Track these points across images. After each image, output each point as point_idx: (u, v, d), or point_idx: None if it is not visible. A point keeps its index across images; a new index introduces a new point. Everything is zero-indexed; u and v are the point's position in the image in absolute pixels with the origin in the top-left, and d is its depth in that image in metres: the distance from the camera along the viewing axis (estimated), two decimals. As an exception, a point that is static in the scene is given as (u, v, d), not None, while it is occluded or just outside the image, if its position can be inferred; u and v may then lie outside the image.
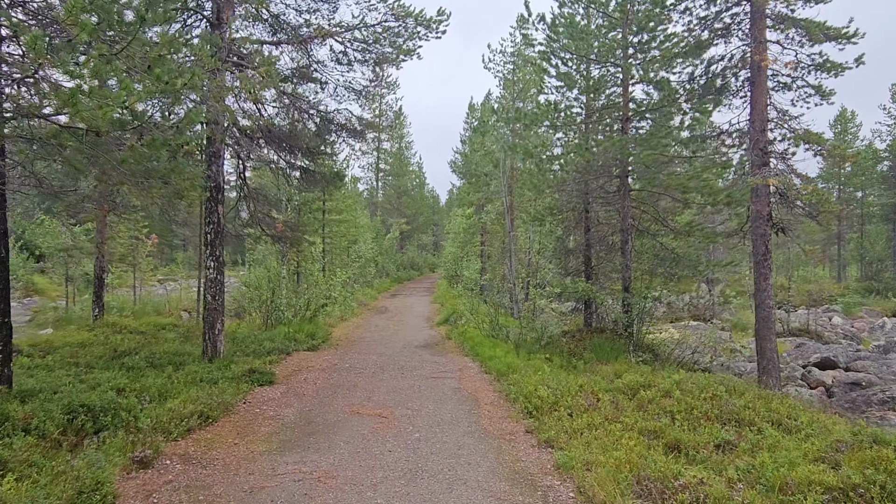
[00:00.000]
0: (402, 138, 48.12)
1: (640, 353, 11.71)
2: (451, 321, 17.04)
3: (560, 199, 14.08)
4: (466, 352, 12.48)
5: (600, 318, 14.48)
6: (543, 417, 7.08)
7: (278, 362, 10.61)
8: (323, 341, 13.25)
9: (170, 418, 6.46)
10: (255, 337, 12.09)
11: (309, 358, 11.36)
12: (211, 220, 10.01)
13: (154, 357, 9.97)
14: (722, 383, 8.18)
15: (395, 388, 8.87)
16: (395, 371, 10.32)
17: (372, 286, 28.88)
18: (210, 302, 9.91)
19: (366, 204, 42.58)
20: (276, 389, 8.64)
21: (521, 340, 13.15)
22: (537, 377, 8.68)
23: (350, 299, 19.96)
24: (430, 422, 7.09)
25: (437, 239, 59.55)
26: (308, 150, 11.60)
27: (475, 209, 27.80)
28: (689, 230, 11.96)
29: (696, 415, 6.88)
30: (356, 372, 10.15)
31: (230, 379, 8.59)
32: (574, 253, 15.03)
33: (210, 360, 9.70)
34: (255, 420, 7.07)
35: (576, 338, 13.68)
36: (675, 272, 11.99)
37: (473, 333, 13.94)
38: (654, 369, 10.54)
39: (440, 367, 10.75)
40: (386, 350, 12.79)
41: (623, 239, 11.87)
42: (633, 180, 12.05)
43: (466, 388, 9.03)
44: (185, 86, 5.17)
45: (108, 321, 14.45)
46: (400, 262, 41.99)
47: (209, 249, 9.99)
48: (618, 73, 12.11)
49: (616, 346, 11.72)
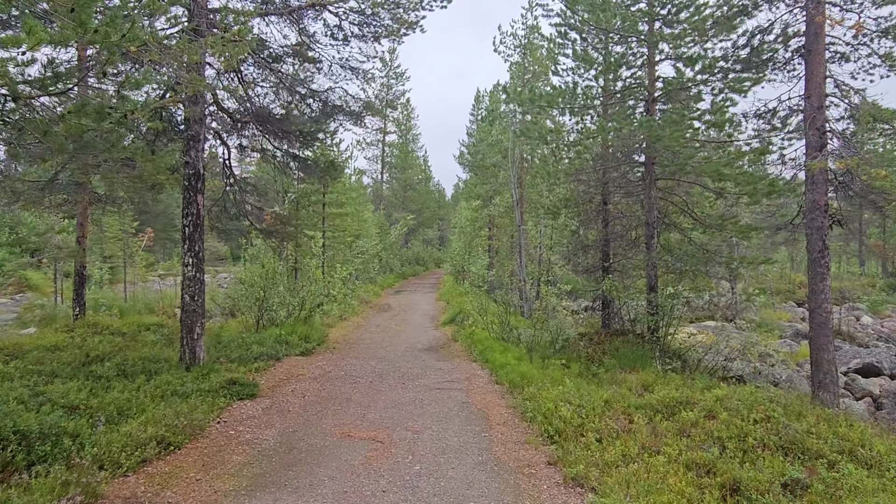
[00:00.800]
0: (408, 131, 46.92)
1: (668, 359, 10.58)
2: (457, 321, 15.95)
3: (576, 189, 12.93)
4: (474, 357, 11.39)
5: (619, 319, 13.35)
6: (568, 444, 5.98)
7: (265, 370, 9.55)
8: (318, 344, 12.19)
9: (122, 446, 5.40)
10: (243, 340, 11.04)
11: (301, 364, 10.29)
12: (189, 212, 8.94)
13: (127, 364, 8.93)
14: (772, 400, 7.04)
15: (394, 402, 7.79)
16: (396, 380, 9.24)
17: (375, 282, 27.83)
18: (188, 303, 8.86)
19: (371, 198, 41.52)
20: (259, 404, 7.57)
21: (534, 344, 12.05)
22: (557, 391, 7.56)
23: (351, 297, 18.90)
24: (433, 448, 6.00)
25: (443, 234, 58.50)
26: (301, 135, 10.50)
27: (482, 202, 26.67)
28: (720, 223, 10.79)
29: (751, 443, 5.75)
30: (352, 381, 9.08)
31: (206, 392, 7.53)
32: (591, 248, 13.89)
33: (187, 369, 8.65)
34: (227, 445, 6.01)
35: (594, 341, 12.56)
36: (705, 270, 10.82)
37: (482, 335, 12.85)
38: (686, 380, 9.43)
39: (446, 376, 9.66)
40: (387, 354, 11.72)
41: (648, 233, 10.72)
42: (659, 168, 10.88)
43: (475, 402, 7.93)
44: (125, 40, 4.06)
45: (89, 321, 13.45)
46: (405, 258, 40.92)
47: (187, 244, 8.93)
48: (641, 49, 10.92)
49: (640, 352, 10.58)
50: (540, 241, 17.88)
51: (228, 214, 10.91)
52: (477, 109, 51.82)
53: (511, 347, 11.67)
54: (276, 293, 13.03)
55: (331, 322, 15.35)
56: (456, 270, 27.76)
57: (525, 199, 20.17)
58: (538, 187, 17.79)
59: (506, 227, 25.16)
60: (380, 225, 34.49)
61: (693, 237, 11.70)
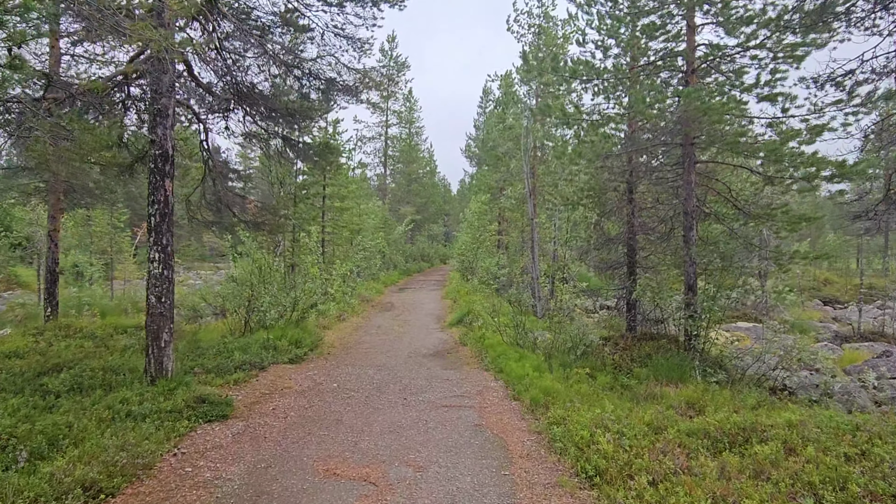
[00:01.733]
0: (412, 122, 45.51)
1: (710, 369, 9.25)
2: (465, 322, 14.63)
3: (599, 177, 11.57)
4: (486, 364, 10.08)
5: (647, 322, 12.00)
6: (613, 490, 4.66)
7: (246, 382, 8.27)
8: (311, 349, 10.91)
9: (35, 497, 4.13)
10: (225, 346, 9.77)
11: (288, 374, 9.02)
12: (156, 199, 7.65)
13: (86, 375, 7.70)
14: (859, 427, 5.69)
15: (393, 425, 6.49)
16: (397, 394, 7.94)
17: (378, 279, 26.54)
18: (154, 305, 7.57)
19: (374, 192, 40.22)
20: (230, 428, 6.29)
21: (552, 350, 10.73)
22: (591, 416, 6.23)
23: (351, 295, 17.62)
24: (440, 494, 4.70)
25: (449, 229, 57.18)
26: (290, 114, 9.19)
27: (491, 195, 25.29)
28: (768, 213, 9.42)
29: (855, 491, 4.41)
30: (345, 396, 7.79)
31: (167, 413, 6.26)
32: (614, 242, 12.53)
33: (152, 382, 7.38)
34: (177, 489, 4.72)
35: (619, 346, 11.22)
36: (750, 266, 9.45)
37: (493, 339, 11.53)
38: (734, 394, 8.09)
39: (454, 388, 8.35)
40: (387, 360, 10.43)
41: (687, 224, 9.36)
42: (698, 150, 9.50)
43: (491, 425, 6.62)
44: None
45: (61, 323, 12.25)
46: (409, 254, 39.59)
47: (153, 237, 7.64)
48: (679, 12, 9.51)
49: (677, 361, 9.24)
50: (555, 235, 16.51)
51: (209, 204, 9.62)
52: (485, 101, 50.46)
53: (527, 354, 10.35)
54: (266, 292, 11.75)
55: (327, 323, 14.07)
56: (463, 267, 26.41)
57: (538, 190, 18.80)
58: (553, 177, 16.43)
59: (516, 221, 23.81)
60: (383, 219, 33.20)
61: (734, 228, 10.30)
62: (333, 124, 20.34)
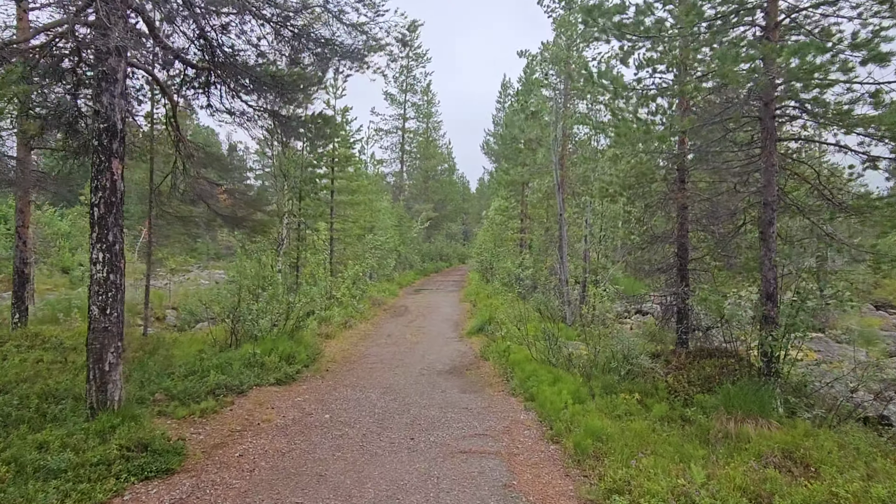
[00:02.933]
0: (429, 117, 43.78)
1: (793, 398, 7.42)
2: (486, 330, 12.92)
3: (646, 163, 9.76)
4: (513, 387, 8.36)
5: (702, 335, 10.16)
6: None
7: (215, 413, 6.67)
8: (306, 365, 9.31)
9: None
10: (202, 362, 8.19)
11: (272, 400, 7.41)
12: (101, 184, 6.09)
13: (14, 405, 6.18)
14: None
15: (392, 485, 4.82)
16: (402, 430, 6.28)
17: (392, 280, 24.96)
18: (97, 318, 6.00)
19: (389, 188, 38.69)
20: (171, 490, 4.67)
21: (591, 368, 8.97)
22: (667, 483, 4.46)
23: (360, 298, 16.02)
24: None
25: (467, 228, 55.43)
26: (276, 82, 7.58)
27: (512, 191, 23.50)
28: (868, 204, 7.54)
29: None
30: (336, 434, 6.14)
31: (92, 466, 4.68)
32: (660, 241, 10.70)
33: (93, 414, 5.83)
34: None
35: (672, 365, 9.39)
36: (846, 271, 7.59)
37: (520, 355, 9.80)
38: (837, 434, 6.27)
39: (475, 423, 6.66)
40: (395, 379, 8.79)
41: (765, 217, 7.51)
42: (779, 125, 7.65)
43: (525, 486, 4.90)
44: None
45: (30, 331, 10.82)
46: (426, 253, 37.95)
47: (96, 232, 6.08)
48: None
49: (752, 389, 7.37)
50: (587, 233, 14.68)
51: (182, 196, 8.05)
52: (503, 96, 48.56)
53: (561, 374, 8.61)
54: (257, 299, 10.18)
55: (331, 331, 12.46)
56: (483, 267, 24.68)
57: (566, 183, 16.97)
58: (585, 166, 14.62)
59: (540, 218, 22.00)
60: (399, 217, 31.61)
61: (818, 223, 8.41)
62: (343, 112, 18.77)
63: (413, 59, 39.56)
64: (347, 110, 18.93)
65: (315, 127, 8.26)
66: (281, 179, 16.57)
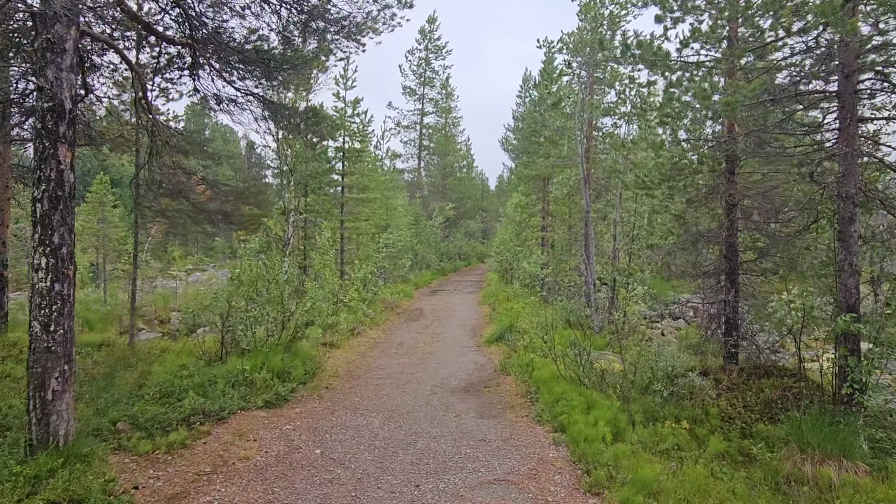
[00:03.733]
0: (448, 112, 42.52)
1: (880, 433, 6.11)
2: (507, 339, 11.74)
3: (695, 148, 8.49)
4: (539, 412, 7.18)
5: (755, 349, 8.85)
6: None
7: (185, 448, 5.62)
8: (302, 382, 8.25)
9: None
10: (180, 381, 7.16)
11: (256, 429, 6.34)
12: (44, 175, 5.08)
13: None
14: None
15: (387, 562, 3.70)
16: (406, 472, 5.16)
17: (408, 281, 23.87)
18: (39, 336, 4.99)
19: (406, 185, 37.61)
20: (101, 567, 3.62)
21: (628, 388, 7.74)
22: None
23: (370, 302, 14.96)
24: None
25: (486, 226, 54.11)
26: (259, 55, 6.51)
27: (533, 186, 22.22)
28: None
29: None
30: (325, 479, 5.04)
31: (2, 534, 3.65)
32: (706, 240, 9.40)
33: (30, 452, 4.82)
34: None
35: (721, 384, 8.11)
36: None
37: (545, 371, 8.62)
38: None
39: (494, 462, 5.51)
40: (403, 400, 7.68)
41: (844, 214, 6.23)
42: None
43: (559, 566, 3.74)
44: None
45: (9, 339, 9.97)
46: (444, 252, 36.78)
47: (39, 232, 5.07)
48: None
49: (828, 421, 6.08)
50: (617, 231, 13.37)
51: (159, 187, 7.03)
52: (524, 90, 47.07)
53: (595, 397, 7.41)
54: (251, 305, 9.15)
55: (336, 340, 11.40)
56: (502, 267, 23.46)
57: (592, 177, 15.69)
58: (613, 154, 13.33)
59: (563, 215, 20.70)
60: (415, 215, 30.52)
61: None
62: (353, 104, 17.72)
63: (432, 52, 38.43)
64: (358, 102, 17.87)
65: (308, 121, 7.15)
66: (287, 175, 15.58)
